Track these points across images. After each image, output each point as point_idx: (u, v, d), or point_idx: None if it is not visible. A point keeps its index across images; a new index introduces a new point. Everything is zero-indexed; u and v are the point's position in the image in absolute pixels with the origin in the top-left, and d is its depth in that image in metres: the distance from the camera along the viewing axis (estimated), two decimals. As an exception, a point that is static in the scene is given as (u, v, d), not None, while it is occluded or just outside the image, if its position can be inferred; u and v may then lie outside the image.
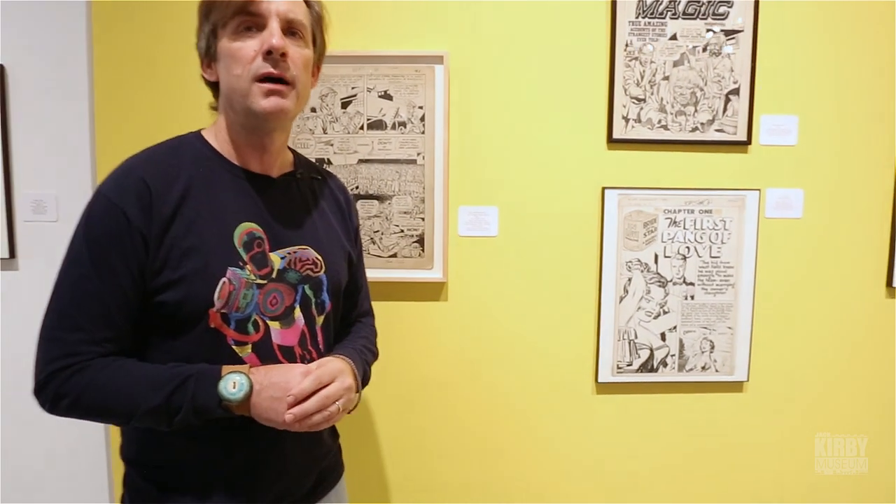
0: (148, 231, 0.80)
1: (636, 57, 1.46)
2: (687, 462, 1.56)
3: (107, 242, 0.79)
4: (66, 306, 0.80)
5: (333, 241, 0.99)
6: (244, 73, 0.83)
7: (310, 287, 0.92)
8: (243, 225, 0.86)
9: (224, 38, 0.85)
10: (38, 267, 1.50)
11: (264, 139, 0.91)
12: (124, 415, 0.80)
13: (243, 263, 0.85)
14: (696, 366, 1.52)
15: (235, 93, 0.85)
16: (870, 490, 1.60)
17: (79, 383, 0.78)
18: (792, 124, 1.49)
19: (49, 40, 1.45)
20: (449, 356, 1.50)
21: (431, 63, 1.42)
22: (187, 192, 0.83)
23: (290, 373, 0.82)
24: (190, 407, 0.78)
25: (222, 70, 0.87)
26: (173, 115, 1.43)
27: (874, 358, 1.55)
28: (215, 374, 0.80)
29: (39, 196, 1.49)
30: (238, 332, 0.84)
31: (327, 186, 1.05)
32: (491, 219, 1.48)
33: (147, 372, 0.80)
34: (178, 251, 0.81)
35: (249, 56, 0.83)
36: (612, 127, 1.46)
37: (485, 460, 1.53)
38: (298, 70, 0.86)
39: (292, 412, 0.79)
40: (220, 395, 0.78)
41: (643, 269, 1.49)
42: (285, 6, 0.85)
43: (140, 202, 0.80)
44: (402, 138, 1.44)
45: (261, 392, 0.80)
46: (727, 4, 1.45)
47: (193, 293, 0.81)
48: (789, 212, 1.51)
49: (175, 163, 0.86)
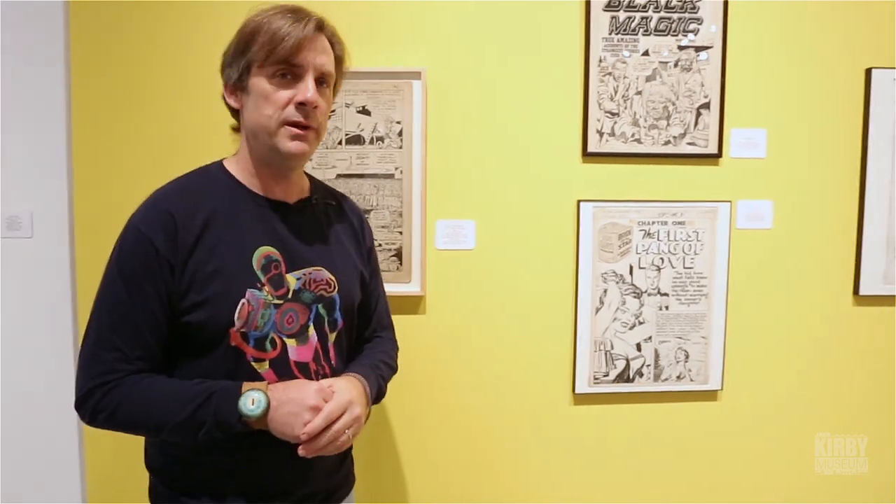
0: (174, 259, 0.87)
1: (610, 72, 1.48)
2: (664, 469, 1.58)
3: (138, 270, 0.86)
4: (104, 329, 0.87)
5: (346, 262, 1.04)
6: (275, 116, 0.90)
7: (323, 306, 0.97)
8: (261, 249, 0.92)
9: (261, 77, 0.90)
10: (13, 283, 1.48)
11: (286, 172, 0.98)
12: (155, 428, 0.86)
13: (261, 285, 0.90)
14: (672, 375, 1.55)
15: (263, 130, 0.92)
16: (870, 490, 1.63)
17: (114, 399, 0.85)
18: (761, 138, 1.53)
19: (25, 55, 1.44)
20: (427, 369, 1.51)
21: (409, 79, 1.44)
22: (209, 221, 0.90)
23: (305, 390, 0.87)
24: (213, 422, 0.84)
25: (251, 105, 0.92)
26: (151, 132, 1.43)
27: (842, 363, 1.59)
28: (236, 391, 0.85)
29: (14, 212, 1.47)
30: (256, 350, 0.90)
31: (342, 210, 1.11)
32: (468, 232, 1.49)
33: (174, 388, 0.87)
34: (201, 275, 0.87)
35: (283, 102, 0.90)
36: (587, 141, 1.49)
37: (463, 472, 1.54)
38: (323, 117, 0.95)
39: (306, 431, 0.83)
40: (240, 411, 0.83)
41: (618, 281, 1.52)
42: (321, 60, 0.92)
43: (165, 233, 0.87)
44: (381, 153, 1.46)
45: (278, 408, 0.85)
46: (697, 21, 1.49)
47: (216, 314, 0.87)
48: (760, 223, 1.55)
49: (199, 194, 0.93)
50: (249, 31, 0.91)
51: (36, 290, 1.47)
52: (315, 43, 0.91)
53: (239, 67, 0.92)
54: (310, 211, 1.02)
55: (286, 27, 0.88)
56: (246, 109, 0.94)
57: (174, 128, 1.43)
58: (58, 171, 1.47)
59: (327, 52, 0.94)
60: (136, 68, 1.42)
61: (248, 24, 0.91)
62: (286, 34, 0.88)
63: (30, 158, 1.46)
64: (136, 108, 1.43)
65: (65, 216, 1.47)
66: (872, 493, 1.63)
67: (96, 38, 1.41)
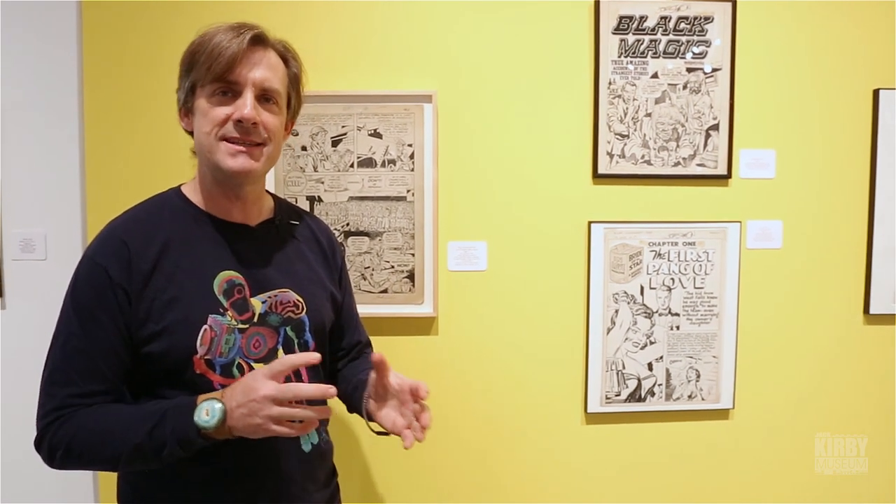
0: (129, 286, 0.84)
1: (619, 94, 1.50)
2: (676, 488, 1.58)
3: (93, 300, 0.84)
4: (58, 363, 0.84)
5: (315, 283, 1.02)
6: (213, 133, 0.87)
7: (292, 328, 0.95)
8: (223, 273, 0.90)
9: (202, 97, 0.88)
10: (26, 305, 1.49)
11: (237, 191, 0.94)
12: (113, 457, 0.81)
13: (224, 310, 0.88)
14: (683, 395, 1.55)
15: (204, 148, 0.89)
16: (870, 490, 1.63)
17: (67, 432, 0.81)
18: (770, 158, 1.54)
19: (40, 79, 1.46)
20: (440, 390, 1.51)
21: (420, 102, 1.45)
22: (166, 248, 0.88)
23: (254, 381, 0.80)
24: (173, 440, 0.79)
25: (196, 125, 0.90)
26: (163, 155, 1.44)
27: (852, 381, 1.60)
28: (190, 404, 0.81)
29: (28, 234, 1.49)
30: (223, 377, 0.87)
31: (308, 229, 1.07)
32: (480, 253, 1.50)
33: (128, 411, 0.83)
34: (159, 303, 0.85)
35: (220, 119, 0.87)
36: (598, 162, 1.50)
37: (475, 490, 1.54)
38: (270, 132, 0.90)
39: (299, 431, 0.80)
40: (197, 424, 0.79)
41: (629, 301, 1.53)
42: (261, 75, 0.88)
43: (119, 261, 0.84)
44: (392, 175, 1.46)
45: (233, 412, 0.79)
46: (705, 44, 1.50)
47: (176, 342, 0.84)
48: (769, 243, 1.56)
49: (154, 221, 0.90)
50: (191, 50, 0.88)
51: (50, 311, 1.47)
52: (252, 57, 0.87)
53: (185, 89, 0.90)
54: (274, 232, 1.00)
55: (224, 42, 0.85)
56: (195, 132, 0.91)
57: (188, 150, 1.44)
58: (71, 194, 1.48)
59: (272, 67, 0.90)
60: (150, 93, 1.43)
61: (192, 43, 0.89)
62: (222, 50, 0.84)
63: (43, 181, 1.48)
64: (149, 128, 1.44)
65: (78, 238, 1.48)
66: (872, 493, 1.63)
67: (110, 66, 1.43)
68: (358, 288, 1.47)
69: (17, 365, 1.48)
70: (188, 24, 1.38)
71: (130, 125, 1.44)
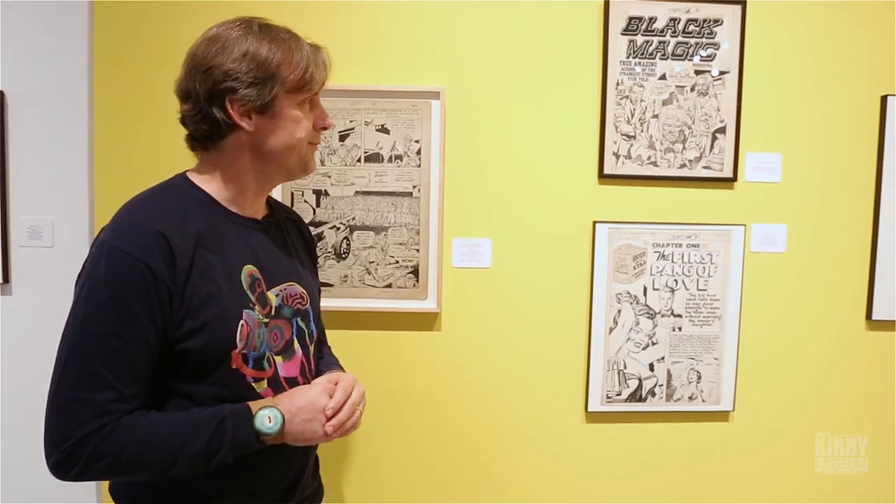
0: (173, 284, 0.81)
1: (627, 95, 1.50)
2: (675, 489, 1.58)
3: (132, 297, 0.79)
4: (92, 365, 0.78)
5: (310, 274, 1.07)
6: (305, 138, 0.93)
7: (301, 319, 0.98)
8: (246, 267, 0.90)
9: (291, 104, 0.90)
10: (32, 292, 1.50)
11: (268, 189, 1.00)
12: (164, 465, 0.80)
13: (252, 304, 0.89)
14: (684, 396, 1.55)
15: (292, 151, 0.93)
16: (870, 490, 1.63)
17: (118, 442, 0.78)
18: (776, 162, 1.54)
19: (49, 66, 1.47)
20: (442, 385, 1.52)
21: (428, 98, 1.46)
22: (199, 242, 0.85)
23: (311, 393, 0.88)
24: (229, 447, 0.82)
25: (277, 127, 0.90)
26: (171, 145, 1.43)
27: (853, 386, 1.60)
28: (248, 412, 0.84)
29: (35, 221, 1.49)
30: (255, 370, 0.89)
31: (292, 222, 1.11)
32: (484, 250, 1.51)
33: (180, 421, 0.82)
34: (197, 300, 0.83)
35: (312, 127, 0.95)
36: (604, 163, 1.50)
37: (475, 487, 1.55)
38: None
39: (332, 424, 0.87)
40: (258, 430, 0.83)
41: (632, 301, 1.53)
42: None
43: (163, 256, 0.81)
44: (399, 171, 1.47)
45: (292, 419, 0.85)
46: (714, 47, 1.51)
47: (216, 338, 0.84)
48: (773, 246, 1.56)
49: (180, 211, 0.87)
50: (276, 57, 0.88)
51: (56, 299, 1.49)
52: None
53: (268, 91, 0.87)
54: (275, 227, 1.02)
55: (317, 59, 0.92)
56: (263, 131, 0.90)
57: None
58: (78, 181, 1.49)
59: None
60: (159, 77, 1.43)
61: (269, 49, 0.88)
62: (326, 67, 0.93)
63: (51, 168, 1.48)
64: (158, 118, 1.44)
65: (85, 226, 1.49)
66: (872, 493, 1.63)
67: (120, 55, 1.44)
68: (362, 282, 1.47)
69: (21, 350, 1.49)
70: (198, 15, 1.40)
71: (139, 115, 1.45)
